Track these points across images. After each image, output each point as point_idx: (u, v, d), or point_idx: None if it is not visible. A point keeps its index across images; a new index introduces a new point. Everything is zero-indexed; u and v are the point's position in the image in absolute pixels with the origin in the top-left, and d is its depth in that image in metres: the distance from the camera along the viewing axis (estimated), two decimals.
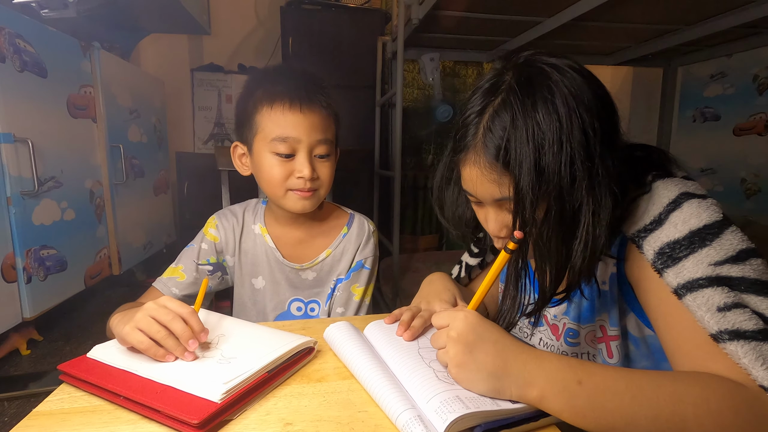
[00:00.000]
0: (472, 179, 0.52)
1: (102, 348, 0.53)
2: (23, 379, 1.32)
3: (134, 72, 2.18)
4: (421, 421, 0.41)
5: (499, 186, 0.50)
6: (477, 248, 0.76)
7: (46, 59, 1.47)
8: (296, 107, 0.72)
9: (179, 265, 0.80)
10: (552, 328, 0.64)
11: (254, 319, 0.85)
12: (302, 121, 0.72)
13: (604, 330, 0.56)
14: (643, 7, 1.59)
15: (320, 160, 0.76)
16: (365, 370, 0.50)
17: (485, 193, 0.52)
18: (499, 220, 0.54)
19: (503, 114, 0.48)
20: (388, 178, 2.37)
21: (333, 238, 0.85)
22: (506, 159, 0.48)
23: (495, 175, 0.49)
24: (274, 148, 0.73)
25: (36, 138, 1.40)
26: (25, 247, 1.37)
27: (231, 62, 2.79)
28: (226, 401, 0.43)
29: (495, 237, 0.56)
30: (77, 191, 1.67)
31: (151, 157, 2.29)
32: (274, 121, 0.73)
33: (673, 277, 0.47)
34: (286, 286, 0.83)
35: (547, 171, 0.46)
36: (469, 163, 0.52)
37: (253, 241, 0.84)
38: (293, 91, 0.72)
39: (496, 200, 0.52)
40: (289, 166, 0.74)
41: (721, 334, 0.43)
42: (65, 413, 0.45)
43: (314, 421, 0.44)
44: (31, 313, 1.40)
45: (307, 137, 0.73)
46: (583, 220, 0.47)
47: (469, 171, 0.53)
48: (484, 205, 0.55)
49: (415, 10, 1.74)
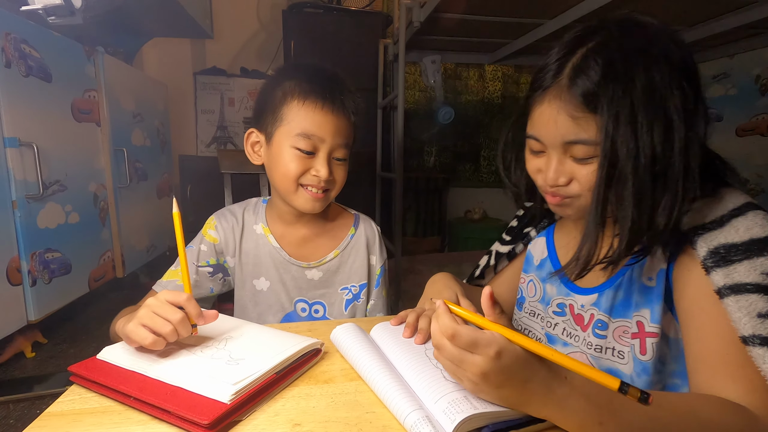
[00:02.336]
0: (546, 117, 0.51)
1: (111, 349, 0.54)
2: (28, 382, 1.33)
3: (138, 76, 2.20)
4: (429, 421, 0.41)
5: (576, 125, 0.48)
6: (509, 236, 0.77)
7: (50, 64, 1.48)
8: (328, 108, 0.73)
9: (179, 268, 0.79)
10: (576, 318, 0.62)
11: (254, 321, 0.84)
12: (330, 121, 0.73)
13: (642, 326, 0.55)
14: (645, 8, 1.59)
15: (337, 163, 0.76)
16: (373, 371, 0.50)
17: (557, 132, 0.50)
18: (559, 169, 0.52)
19: (598, 58, 0.47)
20: (389, 180, 2.38)
21: (340, 239, 0.85)
22: (595, 103, 0.47)
23: (577, 113, 0.48)
24: (296, 143, 0.73)
25: (41, 142, 1.41)
26: (30, 250, 1.37)
27: (233, 66, 2.80)
28: (235, 402, 0.44)
29: (548, 188, 0.55)
30: (81, 195, 1.68)
31: (154, 161, 2.30)
32: (302, 115, 0.73)
33: (721, 278, 0.47)
34: (291, 286, 0.83)
35: (641, 125, 0.45)
36: (547, 100, 0.51)
37: (255, 242, 0.83)
38: (328, 91, 0.73)
39: (568, 142, 0.50)
40: (307, 163, 0.74)
41: (753, 338, 0.43)
42: (77, 414, 0.46)
43: (322, 422, 0.45)
44: (36, 315, 1.41)
45: (331, 138, 0.73)
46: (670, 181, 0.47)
47: (544, 109, 0.51)
48: (546, 152, 0.54)
49: (417, 12, 1.75)
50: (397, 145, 2.05)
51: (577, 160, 0.51)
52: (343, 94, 0.75)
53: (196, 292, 0.80)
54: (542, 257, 0.71)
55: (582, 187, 0.51)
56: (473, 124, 3.16)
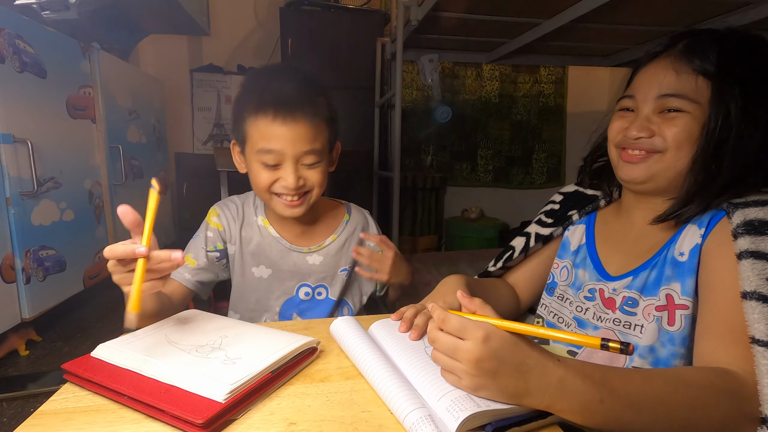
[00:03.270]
0: (651, 73, 0.58)
1: (106, 347, 0.53)
2: (22, 380, 1.32)
3: (133, 73, 2.18)
4: (431, 420, 0.41)
5: (677, 79, 0.55)
6: (551, 218, 0.78)
7: (45, 60, 1.47)
8: (280, 119, 0.70)
9: (188, 254, 0.82)
10: (606, 302, 0.64)
11: (253, 308, 0.85)
12: (286, 133, 0.71)
13: (671, 298, 0.56)
14: (642, 9, 1.60)
15: (309, 168, 0.74)
16: (372, 366, 0.50)
17: (657, 84, 0.56)
18: (646, 122, 0.57)
19: (716, 40, 0.55)
20: (387, 178, 2.38)
21: (336, 225, 0.88)
22: (708, 68, 0.53)
23: (684, 70, 0.54)
24: (260, 158, 0.73)
25: (35, 138, 1.40)
26: (24, 247, 1.36)
27: (230, 63, 2.79)
28: (230, 401, 0.43)
29: (630, 142, 0.59)
30: (76, 192, 1.66)
31: (150, 158, 2.29)
32: (259, 132, 0.72)
33: (746, 243, 0.49)
34: (293, 272, 0.85)
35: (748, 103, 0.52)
36: (655, 62, 0.58)
37: (255, 232, 0.85)
38: (278, 101, 0.70)
39: (664, 95, 0.56)
40: (275, 173, 0.73)
41: (753, 293, 0.46)
42: (70, 413, 0.45)
43: (318, 421, 0.44)
44: (30, 313, 1.40)
45: (292, 149, 0.71)
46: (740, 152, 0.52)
47: (650, 68, 0.58)
48: (635, 110, 0.59)
49: (415, 11, 1.75)
50: (394, 143, 2.05)
51: (667, 114, 0.56)
52: (301, 99, 0.71)
53: (205, 275, 0.82)
54: (579, 244, 0.72)
55: (666, 142, 0.56)
56: (470, 123, 3.16)
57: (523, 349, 0.42)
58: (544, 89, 3.21)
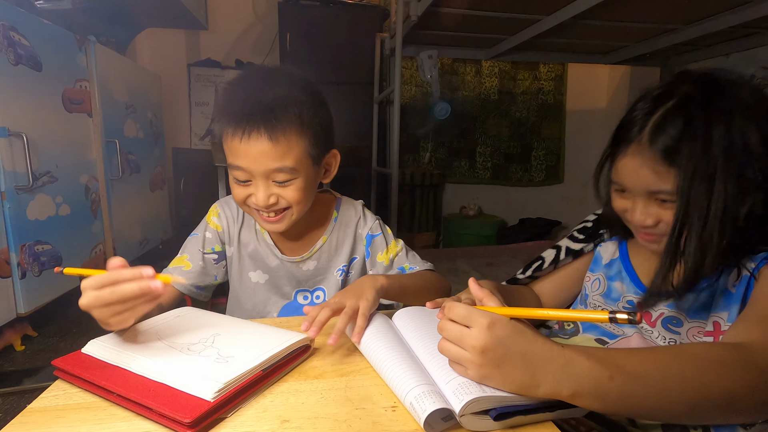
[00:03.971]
0: (630, 169, 0.57)
1: (96, 343, 0.53)
2: (17, 375, 1.31)
3: (130, 66, 2.17)
4: (435, 395, 0.42)
5: (657, 178, 0.54)
6: (583, 234, 0.79)
7: (41, 53, 1.46)
8: (246, 137, 0.65)
9: (184, 255, 0.80)
10: (643, 315, 0.65)
11: (249, 313, 0.84)
12: (252, 151, 0.65)
13: (718, 325, 0.57)
14: (641, 6, 1.59)
15: (282, 185, 0.69)
16: (382, 350, 0.52)
17: (640, 182, 0.56)
18: (645, 212, 0.58)
19: (678, 117, 0.53)
20: (385, 175, 2.37)
21: (326, 225, 0.85)
22: (674, 158, 0.52)
23: (658, 167, 0.53)
24: (232, 173, 0.70)
25: (31, 132, 1.39)
26: (19, 242, 1.36)
27: (228, 58, 2.77)
28: (219, 400, 0.43)
29: (637, 226, 0.60)
30: (72, 186, 1.66)
31: (147, 153, 2.28)
32: (228, 147, 0.69)
33: None
34: (290, 280, 0.83)
35: (718, 177, 0.50)
36: (630, 154, 0.57)
37: (253, 236, 0.83)
38: (242, 117, 0.65)
39: (650, 191, 0.56)
40: (248, 189, 0.70)
41: None
42: (60, 410, 0.45)
43: (311, 418, 0.44)
44: (26, 308, 1.39)
45: (257, 167, 0.66)
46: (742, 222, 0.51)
47: (628, 161, 0.57)
48: (630, 196, 0.60)
49: (414, 6, 1.74)
50: (393, 140, 2.04)
51: (661, 203, 0.56)
52: (265, 114, 0.65)
53: (202, 279, 0.80)
54: (612, 258, 0.74)
55: (668, 226, 0.56)
56: (469, 120, 3.15)
57: (527, 337, 0.43)
58: (543, 86, 3.20)
